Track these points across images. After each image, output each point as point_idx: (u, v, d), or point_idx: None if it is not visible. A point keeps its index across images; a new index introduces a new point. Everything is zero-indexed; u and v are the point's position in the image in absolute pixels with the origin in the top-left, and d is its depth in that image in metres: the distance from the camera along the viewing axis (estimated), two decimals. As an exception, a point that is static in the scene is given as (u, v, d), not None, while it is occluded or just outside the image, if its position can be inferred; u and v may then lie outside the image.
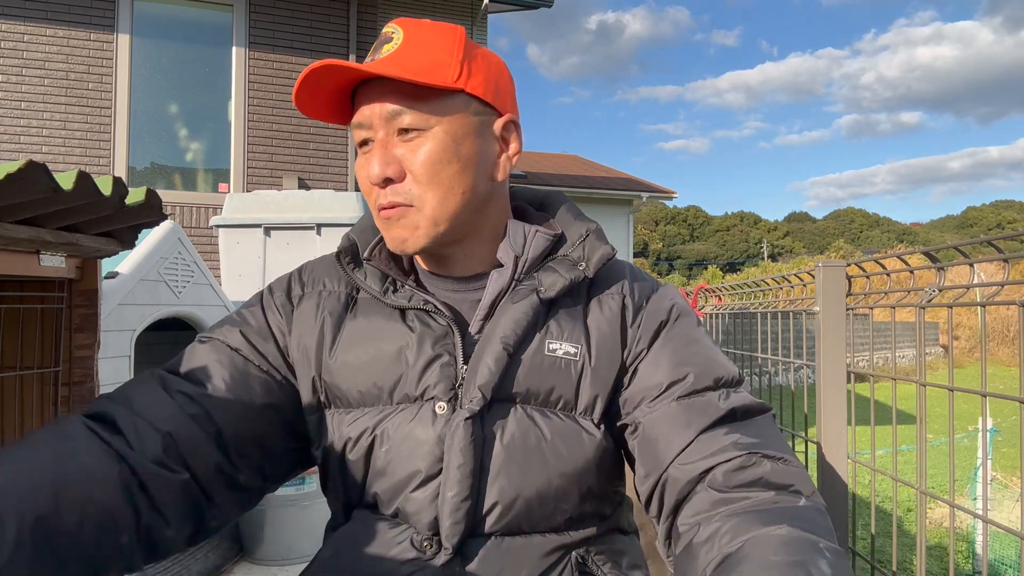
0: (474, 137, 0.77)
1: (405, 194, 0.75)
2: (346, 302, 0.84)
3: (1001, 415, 6.78)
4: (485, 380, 0.74)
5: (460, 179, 0.76)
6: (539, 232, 0.82)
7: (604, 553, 0.79)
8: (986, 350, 1.08)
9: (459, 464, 0.72)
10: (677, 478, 0.71)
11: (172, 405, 0.74)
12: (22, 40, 4.94)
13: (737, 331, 1.95)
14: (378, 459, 0.76)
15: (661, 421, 0.74)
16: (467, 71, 0.76)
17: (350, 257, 0.83)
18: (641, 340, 0.79)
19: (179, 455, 0.72)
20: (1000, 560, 3.21)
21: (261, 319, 0.84)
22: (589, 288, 0.82)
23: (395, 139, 0.75)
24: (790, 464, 0.69)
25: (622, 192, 12.28)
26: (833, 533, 0.62)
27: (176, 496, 0.71)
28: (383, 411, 0.77)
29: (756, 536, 0.59)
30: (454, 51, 0.75)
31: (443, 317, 0.78)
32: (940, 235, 76.58)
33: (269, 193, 3.96)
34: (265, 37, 5.45)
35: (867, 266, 1.35)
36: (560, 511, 0.76)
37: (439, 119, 0.74)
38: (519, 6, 6.94)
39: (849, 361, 1.35)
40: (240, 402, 0.77)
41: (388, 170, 0.74)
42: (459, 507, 0.72)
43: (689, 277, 57.87)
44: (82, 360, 1.36)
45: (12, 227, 1.04)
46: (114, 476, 0.66)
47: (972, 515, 1.63)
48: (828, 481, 1.31)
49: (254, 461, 0.79)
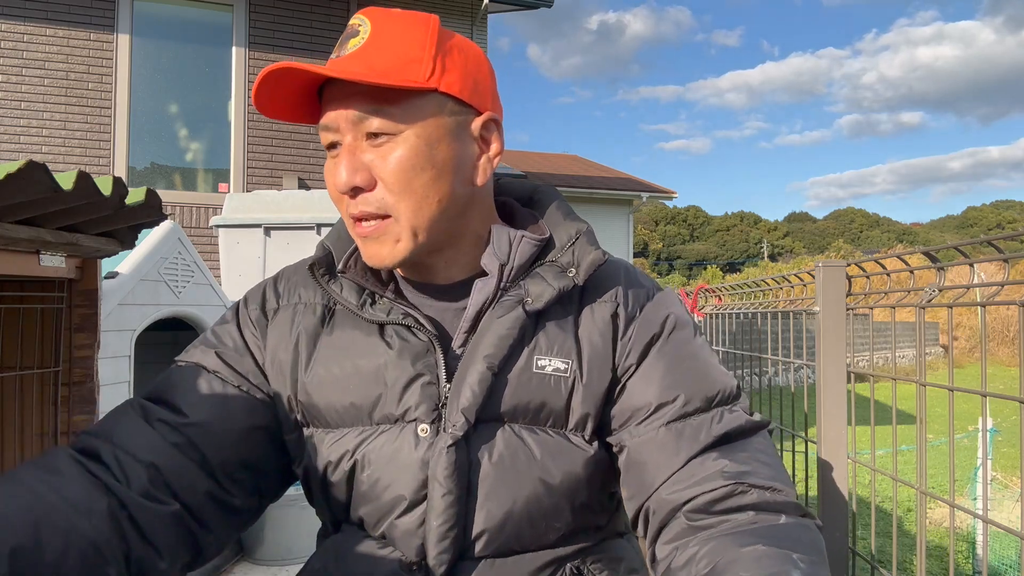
0: (450, 140, 0.71)
1: (377, 203, 0.70)
2: (322, 315, 0.79)
3: (1001, 415, 6.77)
4: (468, 403, 0.70)
5: (435, 186, 0.70)
6: (525, 237, 0.77)
7: (600, 561, 0.77)
8: (986, 350, 1.08)
9: (443, 493, 0.69)
10: (660, 506, 0.69)
11: (154, 435, 0.71)
12: (22, 40, 4.94)
13: (737, 331, 1.95)
14: (361, 483, 0.73)
15: (648, 447, 0.71)
16: (441, 67, 0.69)
17: (324, 268, 0.78)
18: (631, 354, 0.75)
19: (166, 485, 0.69)
20: (1000, 560, 3.21)
21: (237, 337, 0.80)
22: (581, 296, 0.77)
23: (364, 144, 0.70)
24: (778, 492, 0.66)
25: (622, 192, 12.27)
26: (817, 548, 0.61)
27: (167, 527, 0.68)
28: (363, 432, 0.74)
29: (729, 557, 0.58)
30: (426, 45, 0.69)
31: (424, 332, 0.74)
32: (940, 235, 76.59)
33: (269, 193, 3.96)
34: (265, 37, 5.45)
35: (867, 266, 1.35)
36: (552, 529, 0.73)
37: (410, 122, 0.68)
38: (519, 6, 6.94)
39: (849, 361, 1.35)
40: (223, 428, 0.74)
41: (356, 178, 0.69)
42: (445, 536, 0.69)
43: (689, 277, 57.87)
44: (82, 360, 1.36)
45: (12, 227, 1.04)
46: (101, 508, 0.64)
47: (972, 515, 1.63)
48: (828, 481, 1.31)
49: (247, 483, 0.76)
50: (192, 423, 0.73)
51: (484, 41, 7.33)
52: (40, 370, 1.32)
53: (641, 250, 68.18)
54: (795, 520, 0.64)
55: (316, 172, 5.52)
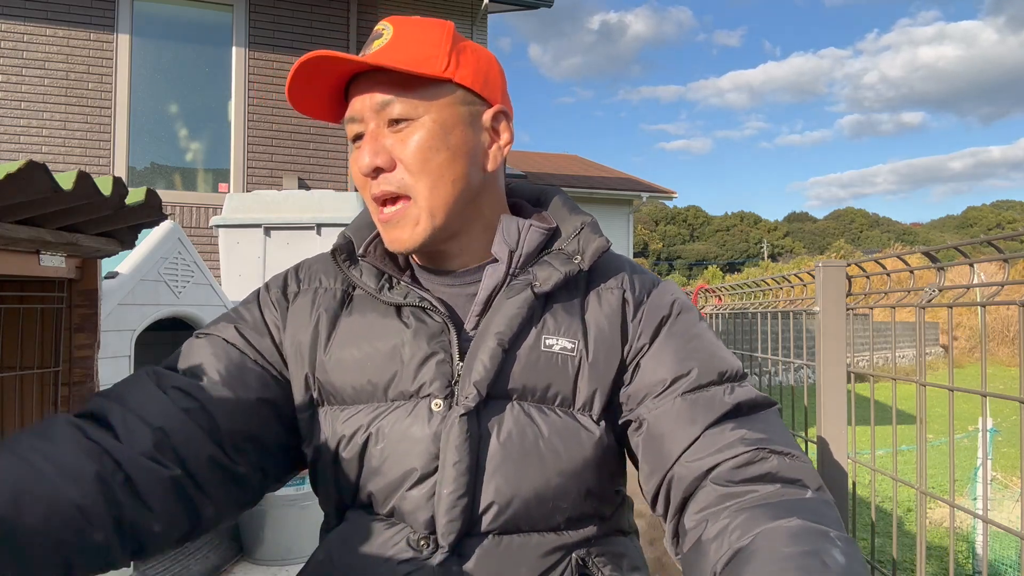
0: (464, 127, 0.77)
1: (397, 183, 0.75)
2: (342, 299, 0.84)
3: (1001, 415, 6.78)
4: (480, 377, 0.73)
5: (450, 167, 0.76)
6: (533, 226, 0.82)
7: (605, 555, 0.79)
8: (986, 350, 1.08)
9: (455, 461, 0.72)
10: (683, 475, 0.71)
11: (165, 400, 0.74)
12: (22, 40, 4.94)
13: (737, 331, 1.95)
14: (372, 457, 0.76)
15: (666, 418, 0.74)
16: (455, 62, 0.76)
17: (346, 255, 0.83)
18: (642, 335, 0.79)
19: (172, 449, 0.71)
20: (1000, 560, 3.21)
21: (257, 315, 0.84)
22: (588, 282, 0.82)
23: (385, 130, 0.75)
24: (797, 459, 0.69)
25: (622, 192, 12.28)
26: (841, 523, 0.63)
27: (166, 491, 0.70)
28: (378, 408, 0.77)
29: (766, 529, 0.59)
30: (442, 43, 0.76)
31: (438, 314, 0.78)
32: (940, 235, 76.59)
33: (269, 193, 3.96)
34: (265, 37, 5.45)
35: (867, 266, 1.35)
36: (559, 510, 0.75)
37: (427, 107, 0.75)
38: (519, 6, 6.94)
39: (849, 361, 1.35)
40: (236, 396, 0.77)
41: (378, 159, 0.75)
42: (455, 504, 0.71)
43: (689, 277, 57.89)
44: (82, 360, 1.36)
45: (12, 227, 1.04)
46: (91, 472, 0.65)
47: (972, 515, 1.63)
48: (828, 481, 1.31)
49: (251, 456, 0.78)
50: (206, 388, 0.76)
51: (484, 41, 7.33)
52: (40, 370, 1.32)
53: (641, 250, 68.20)
54: (819, 496, 0.66)
55: (316, 172, 5.52)
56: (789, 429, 1.53)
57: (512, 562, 0.73)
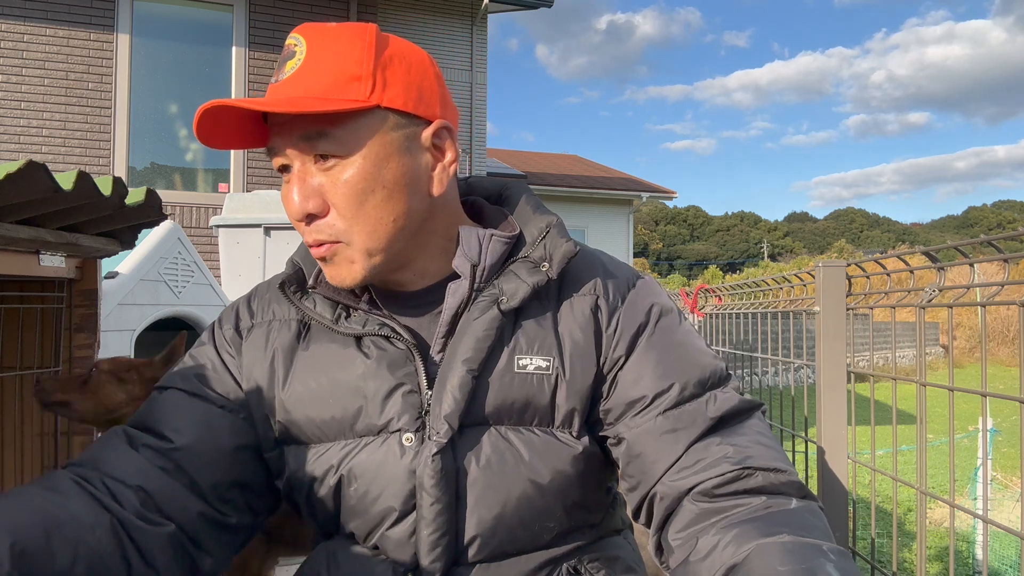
0: (399, 155, 0.69)
1: (329, 231, 0.69)
2: (297, 331, 0.78)
3: (1001, 415, 6.77)
4: (451, 409, 0.69)
5: (388, 207, 0.69)
6: (495, 236, 0.75)
7: (598, 560, 0.77)
8: (986, 350, 1.08)
9: (431, 502, 0.68)
10: (666, 493, 0.69)
11: (140, 460, 0.71)
12: (22, 40, 4.94)
13: (737, 331, 1.95)
14: (349, 497, 0.73)
15: (647, 437, 0.70)
16: (382, 81, 0.67)
17: (295, 285, 0.77)
18: (618, 346, 0.74)
19: (157, 508, 0.69)
20: (1000, 560, 3.21)
21: (215, 358, 0.79)
22: (559, 290, 0.76)
23: (312, 167, 0.68)
24: (782, 473, 0.67)
25: (622, 192, 12.28)
26: (830, 532, 0.62)
27: (164, 548, 0.68)
28: (347, 446, 0.73)
29: (759, 546, 0.58)
30: (364, 60, 0.67)
31: (402, 341, 0.73)
32: (940, 235, 76.57)
33: (269, 193, 3.96)
34: (265, 37, 5.45)
35: (867, 266, 1.35)
36: (545, 530, 0.73)
37: (356, 142, 0.67)
38: (519, 6, 6.93)
39: (849, 361, 1.35)
40: (209, 450, 0.73)
41: (309, 205, 0.68)
42: (437, 544, 0.69)
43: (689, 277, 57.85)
44: (82, 360, 1.36)
45: (12, 227, 1.04)
46: (105, 523, 0.64)
47: (972, 515, 1.63)
48: (828, 481, 1.31)
49: (238, 502, 0.76)
50: (177, 447, 0.72)
51: (484, 41, 7.33)
52: (40, 370, 1.32)
53: (641, 250, 68.17)
54: (805, 504, 0.65)
55: (316, 172, 5.51)
56: (789, 429, 1.53)
57: None
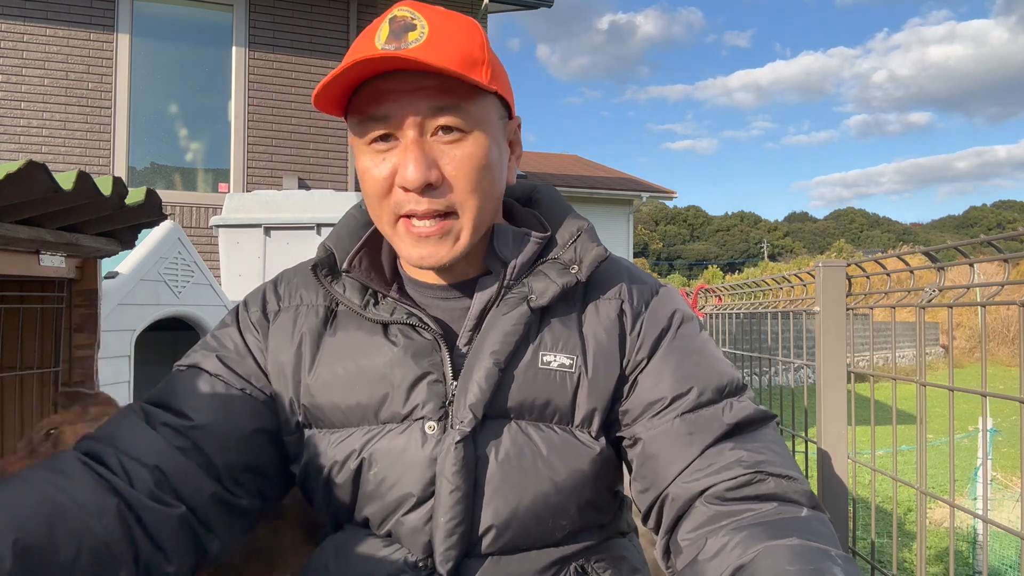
0: (501, 141, 0.74)
1: (447, 201, 0.69)
2: (325, 316, 0.79)
3: (1001, 415, 6.77)
4: (476, 399, 0.70)
5: (495, 186, 0.73)
6: (528, 235, 0.78)
7: (604, 560, 0.77)
8: (986, 350, 1.08)
9: (451, 489, 0.69)
10: (678, 495, 0.69)
11: (157, 438, 0.71)
12: (22, 40, 4.94)
13: (737, 331, 1.95)
14: (367, 482, 0.73)
15: (664, 438, 0.71)
16: (494, 71, 0.71)
17: (327, 269, 0.78)
18: (641, 349, 0.75)
19: (171, 488, 0.69)
20: (1000, 560, 3.21)
21: (238, 340, 0.80)
22: (584, 293, 0.78)
23: (430, 139, 0.68)
24: (794, 480, 0.68)
25: (622, 192, 12.27)
26: (837, 540, 0.62)
27: (174, 530, 0.68)
28: (370, 431, 0.74)
29: (767, 547, 0.58)
30: (483, 46, 0.70)
31: (428, 331, 0.74)
32: (940, 235, 76.58)
33: (269, 193, 3.96)
34: (265, 37, 5.45)
35: (867, 266, 1.35)
36: (558, 527, 0.74)
37: (478, 120, 0.69)
38: (519, 6, 6.93)
39: (849, 361, 1.35)
40: (227, 430, 0.74)
41: (431, 174, 0.67)
42: (453, 532, 0.70)
43: (689, 277, 57.86)
44: (82, 360, 1.36)
45: (12, 227, 1.04)
46: (111, 508, 0.64)
47: (972, 515, 1.63)
48: (828, 481, 1.31)
49: (250, 485, 0.76)
50: (196, 426, 0.72)
51: (484, 41, 7.32)
52: (40, 370, 1.32)
53: (641, 250, 68.16)
54: (815, 514, 0.65)
55: (316, 172, 5.52)
56: (789, 429, 1.53)
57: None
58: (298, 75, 5.49)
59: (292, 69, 5.49)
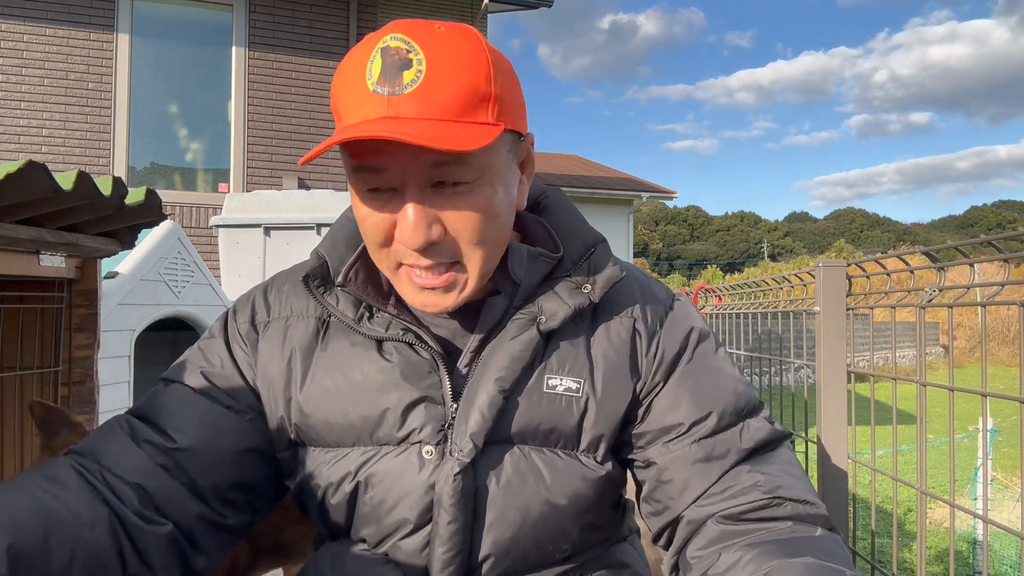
0: (509, 176, 0.67)
1: (450, 254, 0.65)
2: (316, 328, 0.75)
3: (1001, 415, 6.77)
4: (477, 428, 0.67)
5: (503, 230, 0.67)
6: (541, 256, 0.72)
7: (606, 567, 0.76)
8: (986, 350, 1.08)
9: (448, 521, 0.67)
10: (693, 519, 0.68)
11: (141, 455, 0.68)
12: (22, 40, 4.94)
13: (737, 331, 1.95)
14: (363, 505, 0.71)
15: (680, 464, 0.70)
16: (501, 100, 0.63)
17: (319, 280, 0.73)
18: (657, 372, 0.72)
19: (155, 506, 0.67)
20: (1000, 560, 3.21)
21: (225, 355, 0.76)
22: (594, 311, 0.74)
23: (430, 191, 0.63)
24: (811, 505, 0.67)
25: (622, 192, 12.27)
26: (850, 561, 0.62)
27: (161, 547, 0.67)
28: (366, 452, 0.71)
29: (781, 564, 0.58)
30: (489, 75, 0.62)
31: (427, 349, 0.70)
32: (940, 235, 76.58)
33: (269, 193, 3.96)
34: (265, 37, 5.45)
35: (867, 266, 1.35)
36: (559, 551, 0.72)
37: (483, 166, 0.63)
38: (519, 6, 6.93)
39: (849, 361, 1.34)
40: (212, 451, 0.71)
41: (433, 233, 0.63)
42: (450, 563, 0.68)
43: (689, 277, 57.84)
44: (82, 360, 1.36)
45: (12, 227, 1.04)
46: (103, 520, 0.63)
47: (972, 515, 1.63)
48: (828, 481, 1.31)
49: (239, 502, 0.74)
50: (179, 448, 0.70)
51: (484, 41, 7.32)
52: (40, 370, 1.32)
53: (641, 250, 68.16)
54: (829, 535, 0.65)
55: (316, 172, 5.52)
56: (789, 429, 1.53)
57: None
58: (298, 75, 5.49)
59: (292, 69, 5.49)
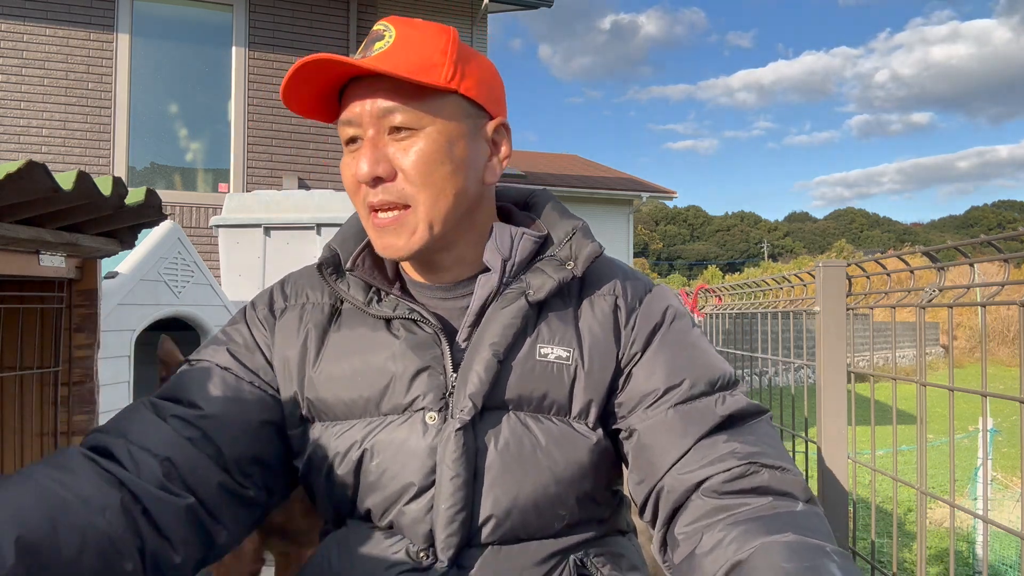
0: (467, 139, 0.76)
1: (397, 192, 0.73)
2: (330, 314, 0.83)
3: (1001, 415, 6.77)
4: (475, 389, 0.73)
5: (452, 180, 0.74)
6: (526, 234, 0.81)
7: (603, 555, 0.79)
8: (986, 350, 1.08)
9: (451, 476, 0.71)
10: (673, 487, 0.71)
11: (167, 429, 0.73)
12: (22, 40, 4.94)
13: (737, 331, 1.95)
14: (369, 472, 0.75)
15: (657, 429, 0.74)
16: (460, 73, 0.75)
17: (332, 268, 0.82)
18: (635, 342, 0.78)
19: (180, 479, 0.71)
20: (1000, 560, 3.21)
21: (247, 334, 0.83)
22: (580, 289, 0.81)
23: (386, 137, 0.73)
24: (788, 472, 0.69)
25: (622, 192, 12.27)
26: (832, 536, 0.63)
27: (181, 521, 0.69)
28: (372, 423, 0.76)
29: (764, 544, 0.59)
30: (447, 51, 0.74)
31: (429, 326, 0.77)
32: (940, 235, 76.57)
33: (269, 193, 3.96)
34: (265, 37, 5.45)
35: (867, 266, 1.35)
36: (557, 517, 0.75)
37: (432, 119, 0.73)
38: (519, 6, 6.93)
39: (849, 361, 1.35)
40: (236, 421, 0.76)
41: (379, 168, 0.72)
42: (453, 519, 0.71)
43: (689, 277, 57.86)
44: (82, 360, 1.36)
45: (12, 227, 1.04)
46: (115, 503, 0.65)
47: (972, 515, 1.63)
48: (828, 481, 1.31)
49: (258, 478, 0.78)
50: (207, 415, 0.75)
51: (484, 40, 7.33)
52: (40, 370, 1.32)
53: (641, 250, 68.17)
54: (810, 508, 0.66)
55: (316, 172, 5.52)
56: (789, 429, 1.53)
57: (511, 569, 0.73)
58: (298, 75, 5.47)
59: (292, 69, 5.48)
